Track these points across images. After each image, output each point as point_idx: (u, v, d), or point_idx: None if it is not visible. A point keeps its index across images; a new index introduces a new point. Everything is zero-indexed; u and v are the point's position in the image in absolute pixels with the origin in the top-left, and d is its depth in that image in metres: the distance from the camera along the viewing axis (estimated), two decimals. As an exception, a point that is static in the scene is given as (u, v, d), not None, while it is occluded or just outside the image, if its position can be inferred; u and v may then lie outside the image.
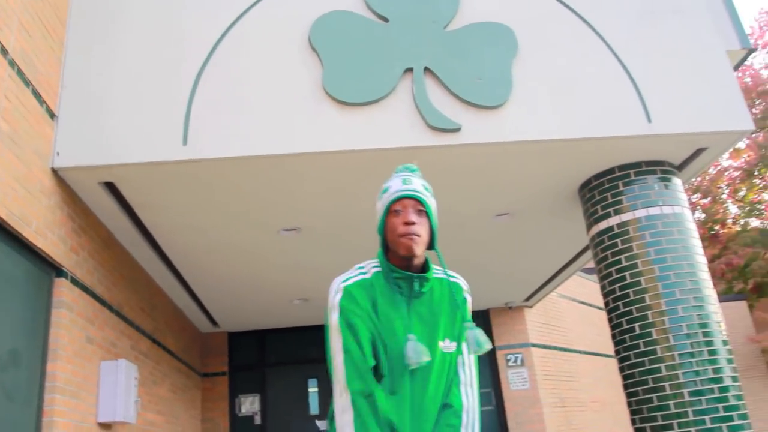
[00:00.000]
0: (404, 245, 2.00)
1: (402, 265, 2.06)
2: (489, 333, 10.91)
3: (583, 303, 12.61)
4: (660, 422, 4.90)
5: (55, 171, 4.60)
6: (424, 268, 2.11)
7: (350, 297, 2.03)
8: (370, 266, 2.13)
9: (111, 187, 4.99)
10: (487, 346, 2.03)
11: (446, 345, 2.07)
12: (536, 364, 10.66)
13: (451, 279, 2.17)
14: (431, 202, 2.10)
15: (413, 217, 2.02)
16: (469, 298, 2.20)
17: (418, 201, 2.05)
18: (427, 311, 2.08)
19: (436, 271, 2.16)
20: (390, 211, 2.06)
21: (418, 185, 2.09)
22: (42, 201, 4.36)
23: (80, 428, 4.77)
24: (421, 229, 2.02)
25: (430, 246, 2.10)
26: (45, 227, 4.37)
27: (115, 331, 5.69)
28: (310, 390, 10.42)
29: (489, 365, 10.74)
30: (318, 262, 7.26)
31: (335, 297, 2.05)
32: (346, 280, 2.08)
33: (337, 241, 6.62)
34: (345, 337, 1.99)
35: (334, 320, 2.02)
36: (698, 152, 5.56)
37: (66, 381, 4.57)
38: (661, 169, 5.56)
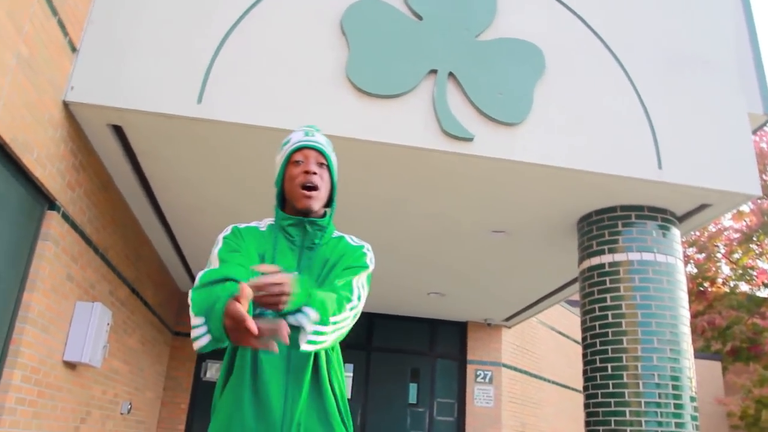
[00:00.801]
0: (303, 201, 1.94)
1: (298, 214, 1.99)
2: (463, 345, 10.94)
3: (560, 333, 12.63)
4: (614, 464, 4.91)
5: (66, 104, 4.58)
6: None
7: (237, 234, 1.97)
8: (265, 221, 2.06)
9: (118, 131, 4.98)
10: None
11: None
12: (504, 384, 10.68)
13: (353, 242, 2.05)
14: (333, 157, 2.05)
15: (314, 167, 1.96)
16: (369, 254, 2.03)
17: (321, 153, 2.00)
18: (319, 265, 1.96)
19: (337, 233, 2.07)
20: (290, 161, 1.99)
21: (321, 138, 2.04)
22: (48, 131, 4.35)
23: (44, 362, 4.77)
24: (320, 181, 1.96)
25: (329, 204, 2.04)
26: (46, 158, 4.36)
27: (96, 274, 5.68)
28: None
29: (457, 377, 10.76)
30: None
31: (221, 234, 1.98)
32: (238, 224, 2.04)
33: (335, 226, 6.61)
34: (222, 258, 1.87)
35: (214, 253, 1.91)
36: (702, 207, 5.56)
37: (39, 314, 4.57)
38: (662, 216, 5.56)
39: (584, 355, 5.50)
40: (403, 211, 6.22)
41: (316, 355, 1.88)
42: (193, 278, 9.38)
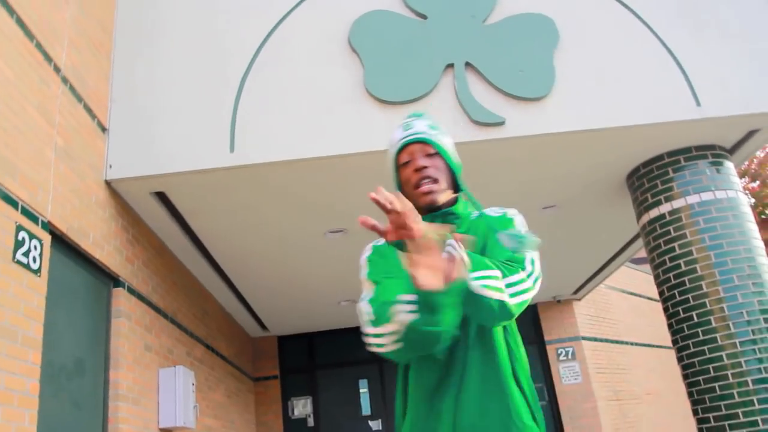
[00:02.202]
0: (422, 199, 1.78)
1: (429, 212, 1.82)
2: (538, 327, 10.82)
3: (632, 294, 12.40)
4: (723, 412, 4.78)
5: (108, 183, 4.71)
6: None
7: (379, 253, 1.84)
8: None
9: (161, 197, 5.09)
10: (530, 237, 1.69)
11: None
12: (587, 357, 10.51)
13: (493, 215, 1.85)
14: (442, 140, 1.85)
15: (423, 161, 1.80)
16: (517, 219, 1.84)
17: (425, 143, 1.82)
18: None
19: (476, 213, 1.87)
20: (399, 164, 1.85)
21: (421, 126, 1.85)
22: (98, 213, 4.47)
23: (143, 434, 4.88)
24: (435, 171, 1.80)
25: (456, 189, 1.86)
26: (101, 238, 4.48)
27: (171, 338, 5.80)
28: (361, 391, 10.46)
29: (540, 360, 10.64)
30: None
31: (363, 256, 1.86)
32: (376, 241, 1.90)
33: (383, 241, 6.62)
34: (375, 280, 1.76)
35: (363, 277, 1.81)
36: (750, 134, 5.42)
37: (128, 388, 4.68)
38: (712, 153, 5.43)
39: (665, 309, 5.38)
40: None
41: (494, 347, 1.75)
42: (260, 323, 9.50)
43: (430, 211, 1.80)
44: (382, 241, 1.86)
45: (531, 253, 1.75)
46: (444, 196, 1.80)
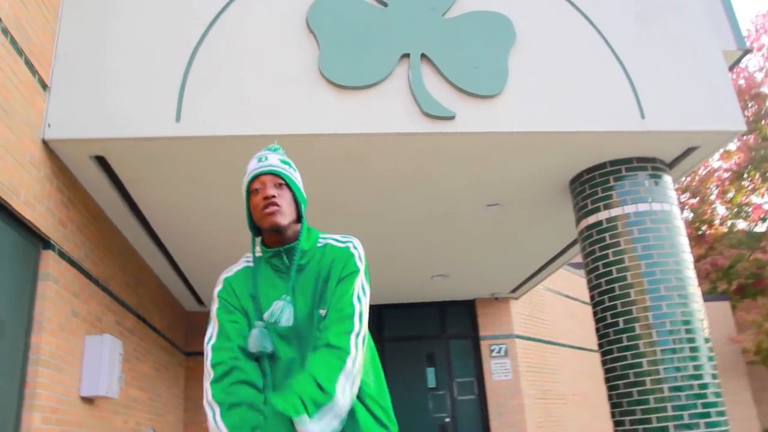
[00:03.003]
0: (266, 219, 1.98)
1: (276, 242, 2.04)
2: (474, 322, 10.99)
3: (568, 297, 12.69)
4: (639, 416, 4.95)
5: (45, 142, 4.56)
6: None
7: (228, 288, 2.06)
8: (250, 255, 2.15)
9: (101, 161, 4.96)
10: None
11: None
12: (519, 355, 10.74)
13: (339, 244, 2.08)
14: (292, 174, 2.08)
15: (272, 191, 2.00)
16: (357, 252, 2.06)
17: (276, 175, 2.03)
18: (308, 281, 2.01)
19: (322, 239, 2.10)
20: (251, 192, 2.04)
21: (274, 160, 2.06)
22: (31, 172, 4.33)
23: (63, 401, 4.77)
24: (281, 200, 2.00)
25: (299, 221, 2.08)
26: (33, 199, 4.34)
27: (100, 306, 5.67)
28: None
29: (473, 355, 10.81)
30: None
31: (216, 289, 2.09)
32: (229, 271, 2.12)
33: (326, 225, 6.59)
34: (220, 321, 2.03)
35: (213, 311, 2.06)
36: (689, 151, 5.59)
37: (50, 354, 4.56)
38: (652, 165, 5.59)
39: (594, 313, 5.53)
40: (395, 199, 6.22)
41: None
42: (197, 297, 9.37)
43: (273, 234, 2.02)
44: (234, 269, 2.12)
45: (357, 287, 1.97)
46: (286, 219, 2.00)
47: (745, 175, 19.41)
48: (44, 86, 4.56)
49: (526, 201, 6.49)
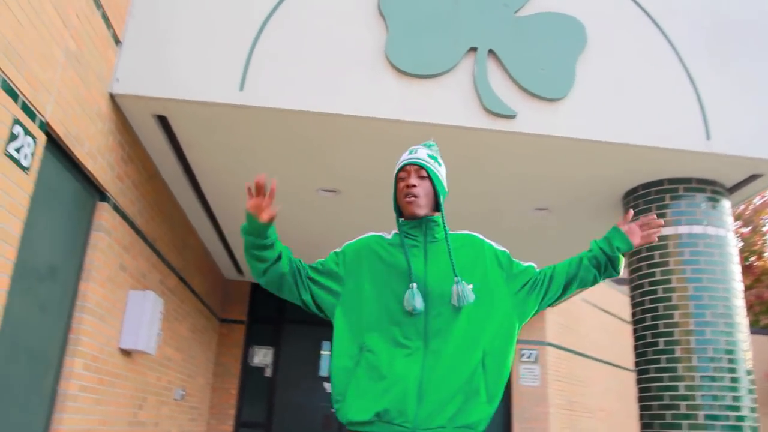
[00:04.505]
0: (407, 207, 2.24)
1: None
2: (507, 325, 10.88)
3: (604, 311, 12.50)
4: (668, 439, 4.86)
5: (112, 96, 4.67)
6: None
7: (342, 254, 2.35)
8: (393, 231, 2.37)
9: (163, 121, 5.06)
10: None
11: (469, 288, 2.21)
12: (549, 363, 10.63)
13: (496, 247, 2.39)
14: (435, 167, 2.29)
15: (414, 180, 2.24)
16: (497, 247, 2.39)
17: (421, 167, 2.26)
18: (444, 255, 2.23)
19: (459, 232, 2.37)
20: (398, 179, 2.30)
21: (422, 154, 2.31)
22: (97, 124, 4.44)
23: (103, 351, 4.90)
24: (420, 190, 2.24)
25: (437, 208, 2.30)
26: (96, 151, 4.45)
27: (147, 263, 5.81)
28: (322, 352, 10.55)
29: (502, 357, 10.73)
30: (353, 226, 7.27)
31: (334, 250, 2.39)
32: (364, 236, 2.39)
33: (375, 207, 6.62)
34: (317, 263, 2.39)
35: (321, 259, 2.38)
36: (752, 178, 5.43)
37: (96, 303, 4.69)
38: (711, 188, 5.45)
39: (635, 331, 5.43)
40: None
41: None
42: (237, 266, 9.52)
43: (412, 218, 2.26)
44: (373, 234, 2.39)
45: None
46: (423, 209, 2.25)
47: (802, 210, 18.80)
48: (117, 41, 4.67)
49: (576, 209, 6.40)
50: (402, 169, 2.29)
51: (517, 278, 2.32)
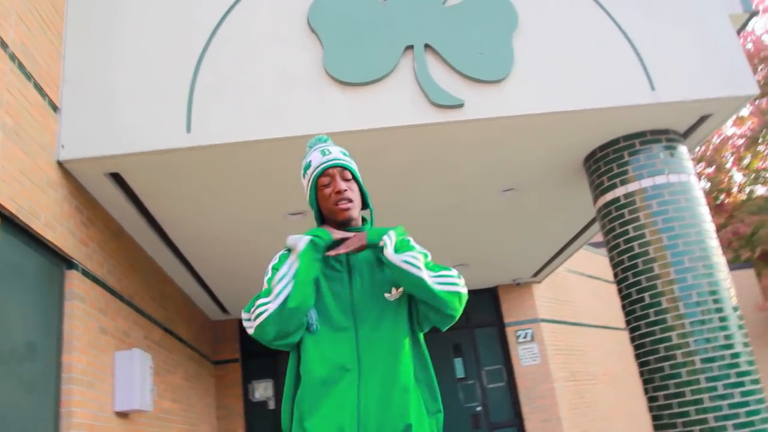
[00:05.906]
0: (341, 214, 2.13)
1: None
2: (498, 310, 10.96)
3: (591, 277, 12.62)
4: (672, 390, 4.92)
5: (60, 164, 4.60)
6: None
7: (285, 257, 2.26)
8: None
9: (117, 178, 5.00)
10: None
11: (392, 294, 2.11)
12: (546, 339, 10.69)
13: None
14: (354, 166, 2.22)
15: (342, 185, 2.14)
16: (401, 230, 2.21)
17: (343, 168, 2.17)
18: (367, 265, 2.15)
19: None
20: (319, 185, 2.17)
21: (337, 153, 2.19)
22: (49, 194, 4.37)
23: (98, 417, 4.82)
24: (352, 194, 2.16)
25: (364, 206, 2.25)
26: (53, 220, 4.39)
27: (127, 321, 5.73)
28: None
29: (499, 342, 10.79)
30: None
31: (277, 254, 2.30)
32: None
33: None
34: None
35: (268, 270, 2.39)
36: (703, 119, 5.53)
37: (82, 371, 4.61)
38: (666, 137, 5.53)
39: (619, 291, 5.49)
40: (409, 191, 6.22)
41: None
42: (221, 306, 9.44)
43: (343, 225, 2.17)
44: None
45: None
46: (356, 212, 2.19)
47: (760, 140, 19.21)
48: (55, 108, 4.60)
49: (541, 184, 6.46)
50: (322, 173, 2.16)
51: None
